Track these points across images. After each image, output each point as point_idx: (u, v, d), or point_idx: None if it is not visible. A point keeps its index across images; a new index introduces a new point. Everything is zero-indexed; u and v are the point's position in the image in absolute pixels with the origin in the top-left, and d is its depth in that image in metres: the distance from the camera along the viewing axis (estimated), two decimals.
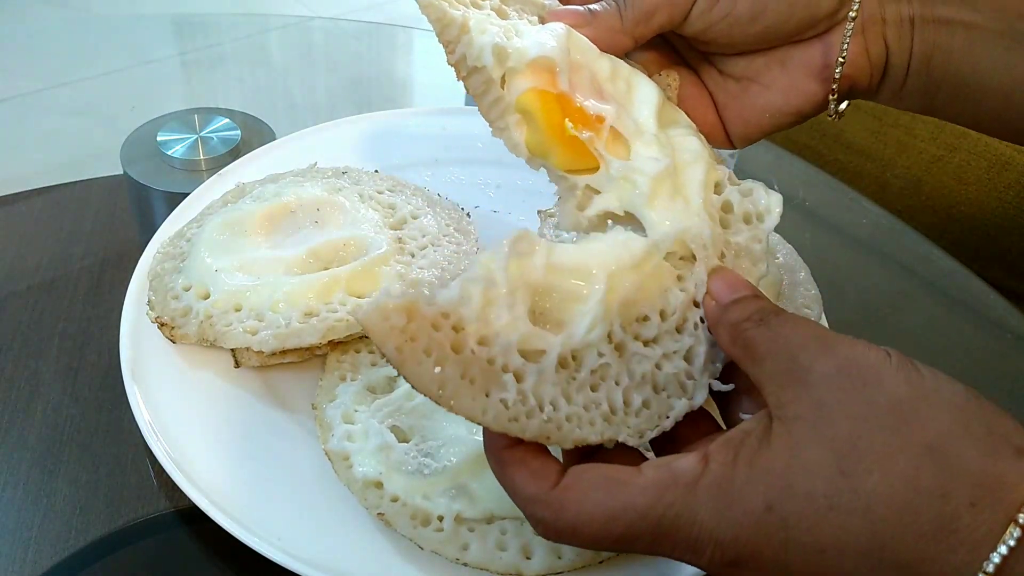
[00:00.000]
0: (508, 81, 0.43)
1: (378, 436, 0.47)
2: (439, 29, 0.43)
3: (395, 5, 2.56)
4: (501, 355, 0.36)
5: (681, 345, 0.40)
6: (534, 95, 0.43)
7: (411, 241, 0.59)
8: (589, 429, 0.37)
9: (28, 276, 0.65)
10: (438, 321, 0.35)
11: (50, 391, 0.57)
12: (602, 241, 0.40)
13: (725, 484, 0.33)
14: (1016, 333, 0.70)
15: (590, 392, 0.38)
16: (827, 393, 0.32)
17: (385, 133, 0.75)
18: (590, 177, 0.44)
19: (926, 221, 0.90)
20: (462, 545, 0.44)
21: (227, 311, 0.53)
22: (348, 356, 0.54)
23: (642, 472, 0.34)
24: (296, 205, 0.59)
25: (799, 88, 0.47)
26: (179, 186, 0.73)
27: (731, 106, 0.49)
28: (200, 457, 0.49)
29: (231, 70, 1.02)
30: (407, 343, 0.34)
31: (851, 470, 0.31)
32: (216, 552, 0.49)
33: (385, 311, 0.34)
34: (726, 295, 0.39)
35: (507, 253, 0.37)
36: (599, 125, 0.43)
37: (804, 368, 0.33)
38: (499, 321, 0.36)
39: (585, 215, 0.44)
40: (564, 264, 0.38)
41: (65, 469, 0.53)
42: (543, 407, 0.36)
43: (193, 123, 0.80)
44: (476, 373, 0.36)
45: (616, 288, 0.39)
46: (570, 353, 0.38)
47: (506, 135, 0.45)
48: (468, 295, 0.36)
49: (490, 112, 0.45)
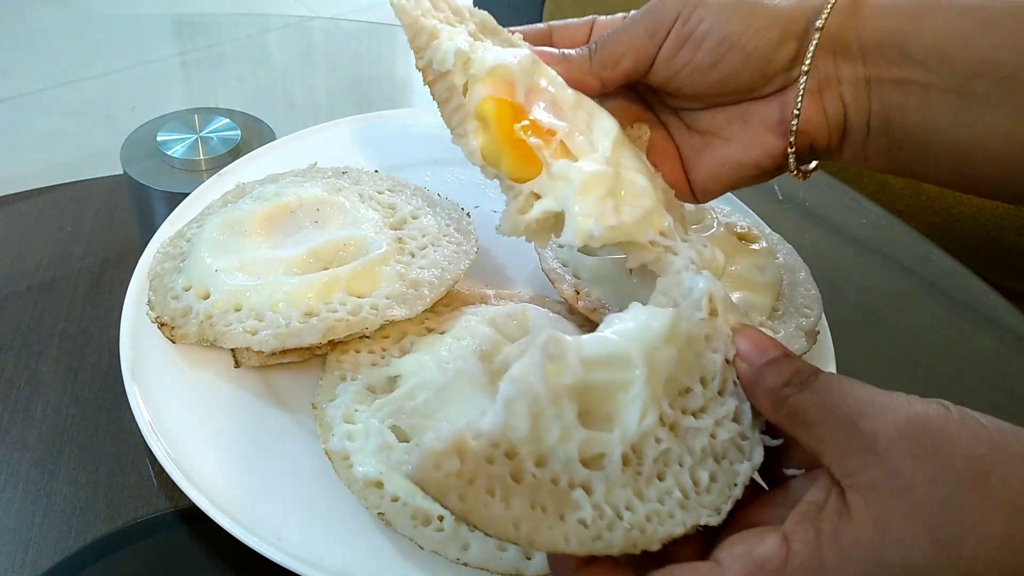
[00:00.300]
0: (469, 89, 0.46)
1: (378, 436, 0.47)
2: (411, 35, 0.46)
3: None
4: (564, 472, 0.35)
5: (728, 408, 0.39)
6: (491, 102, 0.45)
7: (411, 241, 0.59)
8: (671, 522, 0.36)
9: (28, 276, 0.65)
10: (490, 453, 0.33)
11: (50, 391, 0.57)
12: (627, 321, 0.39)
13: (816, 567, 0.32)
14: (1016, 333, 0.70)
15: (659, 483, 0.37)
16: (900, 459, 0.32)
17: (385, 133, 0.75)
18: (533, 182, 0.45)
19: (926, 221, 0.90)
20: (462, 545, 0.44)
21: (227, 311, 0.53)
22: (348, 356, 0.53)
23: (724, 567, 0.34)
24: (296, 205, 0.59)
25: (758, 142, 0.48)
26: (179, 186, 0.73)
27: (695, 159, 0.51)
28: (200, 457, 0.49)
29: (231, 70, 1.02)
30: (468, 488, 0.33)
31: (945, 539, 0.31)
32: (216, 552, 0.49)
33: (436, 458, 0.32)
34: (757, 357, 0.39)
35: (541, 360, 0.35)
36: (549, 137, 0.45)
37: (867, 435, 0.33)
38: (551, 435, 0.35)
39: (525, 219, 0.45)
40: (599, 356, 0.37)
41: (65, 469, 0.53)
42: (621, 515, 0.35)
43: (193, 123, 0.80)
44: (545, 499, 0.34)
45: (656, 367, 0.38)
46: (630, 448, 0.37)
47: (464, 141, 0.47)
48: (514, 417, 0.34)
49: (452, 118, 0.47)
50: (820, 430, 0.35)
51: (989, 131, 0.44)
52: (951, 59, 0.44)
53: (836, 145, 0.49)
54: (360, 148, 0.73)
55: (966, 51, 0.43)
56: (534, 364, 0.35)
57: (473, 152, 0.47)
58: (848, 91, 0.47)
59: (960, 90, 0.44)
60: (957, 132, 0.45)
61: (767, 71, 0.47)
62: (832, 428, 0.34)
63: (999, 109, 0.43)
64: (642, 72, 0.49)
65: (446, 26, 0.48)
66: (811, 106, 0.47)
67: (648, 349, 0.37)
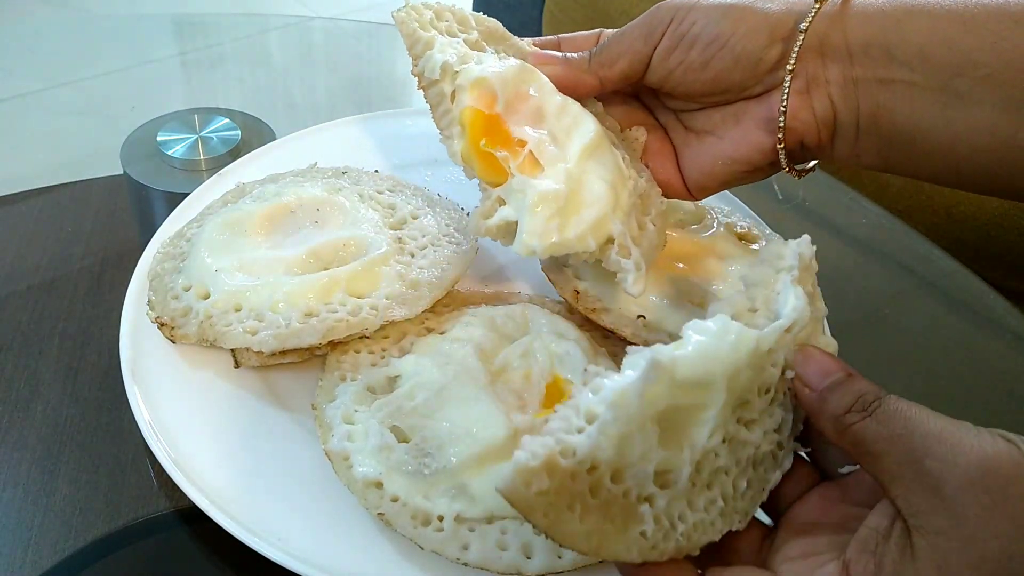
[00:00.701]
0: (456, 97, 0.51)
1: (378, 436, 0.47)
2: (409, 44, 0.52)
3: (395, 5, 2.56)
4: (636, 487, 0.36)
5: (775, 420, 0.40)
6: (469, 112, 0.50)
7: (411, 241, 0.59)
8: (711, 530, 0.38)
9: (28, 276, 0.65)
10: (575, 471, 0.34)
11: (50, 391, 0.57)
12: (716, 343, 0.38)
13: None
14: (1016, 333, 0.70)
15: (708, 492, 0.38)
16: (968, 509, 0.32)
17: (385, 133, 0.75)
18: (499, 188, 0.50)
19: (926, 221, 0.90)
20: (462, 545, 0.44)
21: (227, 311, 0.53)
22: (348, 356, 0.53)
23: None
24: (296, 205, 0.59)
25: (749, 139, 0.51)
26: (179, 186, 0.73)
27: (690, 157, 0.54)
28: (200, 457, 0.49)
29: (231, 70, 1.02)
30: (552, 505, 0.33)
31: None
32: (216, 552, 0.49)
33: (527, 476, 0.33)
34: (818, 380, 0.38)
35: (641, 389, 0.35)
36: (519, 148, 0.49)
37: (935, 476, 0.33)
38: (633, 455, 0.36)
39: (485, 223, 0.50)
40: (688, 379, 0.37)
41: (65, 469, 0.53)
42: (676, 526, 0.37)
43: (193, 123, 0.80)
44: (615, 512, 0.35)
45: (733, 390, 0.38)
46: (695, 465, 0.38)
47: (449, 143, 0.52)
48: (605, 439, 0.35)
49: (440, 121, 0.52)
50: (885, 462, 0.35)
51: (973, 126, 0.46)
52: (934, 59, 0.46)
53: (827, 143, 0.50)
54: (360, 148, 0.73)
55: (948, 52, 0.45)
56: (635, 391, 0.35)
57: (455, 154, 0.51)
58: (836, 91, 0.49)
59: (944, 88, 0.46)
60: (943, 129, 0.47)
61: (757, 71, 0.49)
62: (897, 463, 0.34)
63: (981, 105, 0.45)
64: (639, 72, 0.52)
65: (442, 37, 0.52)
66: (799, 105, 0.49)
67: (731, 373, 0.37)
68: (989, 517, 0.31)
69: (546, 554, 0.44)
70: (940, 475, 0.33)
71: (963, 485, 0.32)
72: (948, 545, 0.32)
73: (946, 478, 0.32)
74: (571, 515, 0.34)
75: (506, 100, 0.50)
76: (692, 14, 0.50)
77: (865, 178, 0.99)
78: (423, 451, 0.46)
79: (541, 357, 0.50)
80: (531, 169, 0.50)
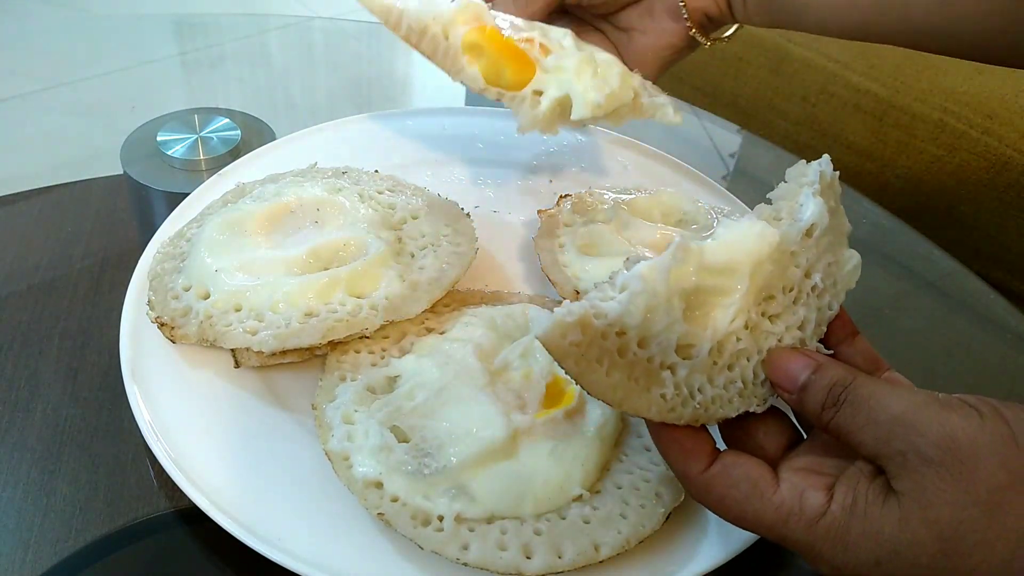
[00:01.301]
0: (448, 33, 0.55)
1: (378, 436, 0.47)
2: (383, 18, 0.56)
3: None
4: (659, 355, 0.40)
5: (797, 317, 0.44)
6: (476, 32, 0.55)
7: (411, 241, 0.59)
8: (729, 407, 0.42)
9: (28, 276, 0.65)
10: (605, 331, 0.38)
11: (50, 391, 0.57)
12: (742, 231, 0.42)
13: (842, 530, 0.37)
14: (1016, 333, 0.70)
15: (728, 372, 0.42)
16: (927, 478, 0.36)
17: (385, 133, 0.75)
18: (532, 83, 0.56)
19: (926, 221, 0.90)
20: (462, 545, 0.44)
21: (227, 311, 0.53)
22: (348, 356, 0.53)
23: (779, 490, 0.39)
24: (296, 205, 0.59)
25: (664, 28, 0.62)
26: (179, 186, 0.73)
27: (628, 53, 0.64)
28: (200, 457, 0.49)
29: (231, 70, 1.02)
30: (582, 356, 0.38)
31: (952, 551, 0.36)
32: (216, 552, 0.49)
33: (563, 328, 0.37)
34: (791, 383, 0.42)
35: (670, 264, 0.40)
36: (529, 43, 0.56)
37: (901, 452, 0.37)
38: (658, 326, 0.39)
39: (538, 112, 0.56)
40: (713, 264, 0.41)
41: (65, 469, 0.53)
42: (694, 395, 0.41)
43: (193, 123, 0.80)
44: (640, 373, 0.40)
45: (756, 279, 0.42)
46: (716, 343, 0.41)
47: (463, 75, 0.56)
48: (633, 307, 0.39)
49: (445, 62, 0.56)
50: (863, 448, 0.39)
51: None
52: None
53: (727, 12, 0.60)
54: (360, 148, 0.73)
55: None
56: (662, 268, 0.39)
57: (476, 78, 0.56)
58: None
59: None
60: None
61: None
62: (876, 440, 0.38)
63: None
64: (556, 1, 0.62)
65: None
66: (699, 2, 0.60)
67: (755, 263, 0.42)
68: (944, 486, 0.36)
69: (546, 554, 0.44)
70: (904, 454, 0.37)
71: (923, 461, 0.36)
72: (909, 505, 0.36)
73: (909, 457, 0.37)
74: (599, 368, 0.38)
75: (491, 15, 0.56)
76: None
77: (865, 178, 0.99)
78: (423, 451, 0.46)
79: (541, 357, 0.50)
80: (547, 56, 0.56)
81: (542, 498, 0.45)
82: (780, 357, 0.42)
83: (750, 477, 0.40)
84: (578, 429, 0.47)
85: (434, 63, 0.56)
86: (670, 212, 0.64)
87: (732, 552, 0.47)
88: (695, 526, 0.48)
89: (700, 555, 0.46)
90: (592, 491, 0.47)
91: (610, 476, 0.48)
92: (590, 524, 0.45)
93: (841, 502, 0.38)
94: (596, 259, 0.59)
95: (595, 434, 0.47)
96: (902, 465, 0.37)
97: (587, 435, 0.47)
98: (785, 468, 0.41)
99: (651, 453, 0.49)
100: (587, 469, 0.47)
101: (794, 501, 0.39)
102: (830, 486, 0.39)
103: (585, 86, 0.56)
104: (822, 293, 0.44)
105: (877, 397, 0.38)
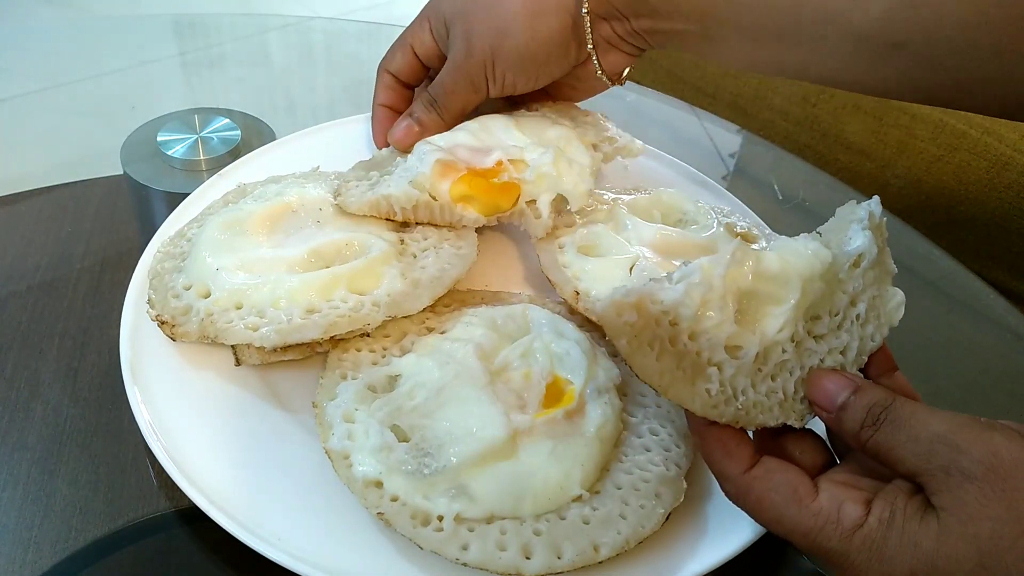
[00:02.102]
0: (435, 195, 0.58)
1: (378, 435, 0.47)
2: (375, 212, 0.59)
3: (395, 5, 2.56)
4: (708, 350, 0.42)
5: (840, 342, 0.45)
6: (459, 182, 0.58)
7: (413, 243, 0.59)
8: (768, 415, 0.43)
9: (28, 276, 0.65)
10: (659, 317, 0.41)
11: (50, 391, 0.57)
12: (797, 250, 0.45)
13: (878, 542, 0.38)
14: (1016, 333, 0.70)
15: (770, 382, 0.43)
16: (969, 496, 0.37)
17: None
18: (523, 196, 0.60)
19: (926, 221, 0.90)
20: (462, 545, 0.44)
21: (228, 309, 0.53)
22: (349, 354, 0.53)
23: (818, 498, 0.40)
24: (298, 205, 0.59)
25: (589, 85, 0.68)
26: (179, 186, 0.73)
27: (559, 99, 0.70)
28: (200, 457, 0.49)
29: (231, 70, 1.02)
30: (635, 337, 0.40)
31: (991, 566, 0.36)
32: (216, 552, 0.49)
33: (620, 307, 0.40)
34: (830, 403, 0.42)
35: (728, 262, 0.42)
36: (500, 167, 0.59)
37: (942, 468, 0.37)
38: (710, 321, 0.41)
39: (544, 221, 0.60)
40: (768, 271, 0.43)
41: (65, 469, 0.53)
42: (737, 396, 0.42)
43: (193, 123, 0.80)
44: (688, 365, 0.41)
45: (807, 294, 0.44)
46: (763, 349, 0.43)
47: (464, 221, 0.59)
48: (690, 298, 0.41)
49: (444, 218, 0.59)
50: (901, 467, 0.39)
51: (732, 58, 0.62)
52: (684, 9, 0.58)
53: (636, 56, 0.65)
54: (360, 148, 0.73)
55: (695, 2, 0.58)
56: (720, 264, 0.42)
57: (476, 219, 0.59)
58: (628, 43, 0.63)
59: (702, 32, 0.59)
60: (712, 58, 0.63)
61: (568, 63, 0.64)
62: (913, 460, 0.39)
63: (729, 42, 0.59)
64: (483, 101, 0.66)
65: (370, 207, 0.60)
66: (611, 60, 0.64)
67: (807, 279, 0.44)
68: (986, 502, 0.36)
69: (546, 555, 0.44)
70: (946, 470, 0.37)
71: (965, 478, 0.37)
72: (949, 520, 0.37)
73: (951, 473, 0.37)
74: (650, 351, 0.40)
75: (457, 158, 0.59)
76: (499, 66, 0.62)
77: (865, 178, 0.99)
78: (423, 451, 0.46)
79: (541, 357, 0.50)
80: (520, 166, 0.60)
81: (542, 498, 0.45)
82: (820, 376, 0.43)
83: (791, 483, 0.40)
84: (578, 429, 0.47)
85: (434, 224, 0.60)
86: (670, 212, 0.64)
87: (732, 552, 0.47)
88: (695, 526, 0.48)
89: (700, 555, 0.46)
90: (592, 491, 0.47)
91: (610, 476, 0.48)
92: (590, 524, 0.45)
93: (879, 515, 0.38)
94: (596, 259, 0.59)
95: (595, 434, 0.47)
96: (943, 481, 0.37)
97: (587, 435, 0.47)
98: (824, 480, 0.41)
99: (651, 453, 0.49)
100: (587, 469, 0.47)
101: (832, 510, 0.39)
102: (868, 500, 0.39)
103: (572, 181, 0.61)
104: (865, 323, 0.45)
105: (918, 416, 0.39)
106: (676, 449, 0.50)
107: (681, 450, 0.50)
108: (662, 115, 0.94)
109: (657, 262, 0.57)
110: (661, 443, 0.50)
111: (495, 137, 0.63)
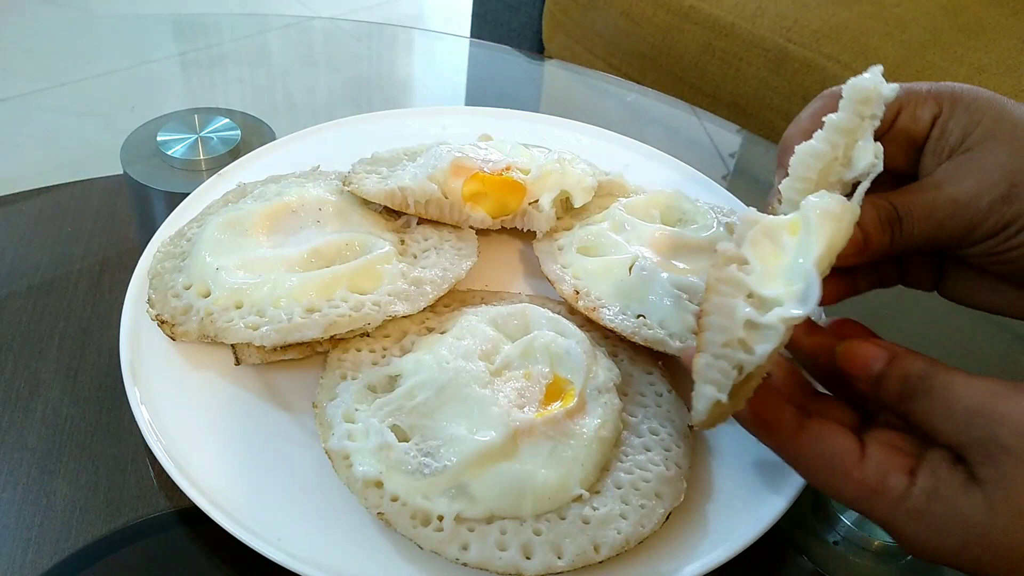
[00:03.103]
0: (447, 192, 0.60)
1: (378, 435, 0.47)
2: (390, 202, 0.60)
3: (395, 5, 2.56)
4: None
5: None
6: (470, 181, 0.60)
7: (414, 244, 0.59)
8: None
9: (28, 276, 0.65)
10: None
11: (50, 391, 0.57)
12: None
13: (925, 515, 0.38)
14: (1016, 333, 0.70)
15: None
16: (1010, 467, 0.36)
17: (385, 133, 0.75)
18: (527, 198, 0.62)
19: None
20: (462, 545, 0.44)
21: (228, 308, 0.53)
22: (349, 354, 0.54)
23: (864, 467, 0.40)
24: (298, 204, 0.59)
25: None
26: (179, 186, 0.73)
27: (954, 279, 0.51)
28: (200, 457, 0.49)
29: (231, 70, 1.02)
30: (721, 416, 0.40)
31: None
32: (216, 552, 0.49)
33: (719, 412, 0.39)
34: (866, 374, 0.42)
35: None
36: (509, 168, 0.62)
37: (980, 442, 0.37)
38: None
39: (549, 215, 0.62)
40: None
41: (65, 469, 0.53)
42: None
43: (193, 123, 0.80)
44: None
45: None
46: None
47: (472, 220, 0.61)
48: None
49: (452, 216, 0.61)
50: (940, 436, 0.39)
51: None
52: None
53: None
54: (360, 148, 0.73)
55: None
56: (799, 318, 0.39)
57: (483, 219, 0.61)
58: None
59: None
60: None
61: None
62: (954, 430, 0.38)
63: None
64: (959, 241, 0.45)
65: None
66: None
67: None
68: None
69: (545, 554, 0.44)
70: (985, 444, 0.37)
71: (1003, 450, 0.36)
72: (994, 493, 0.37)
73: (990, 446, 0.37)
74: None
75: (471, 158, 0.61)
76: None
77: None
78: (423, 451, 0.46)
79: (541, 357, 0.50)
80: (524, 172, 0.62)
81: (542, 498, 0.45)
82: (854, 348, 0.42)
83: (836, 453, 0.40)
84: (578, 429, 0.47)
85: (443, 221, 0.61)
86: (670, 212, 0.64)
87: (732, 552, 0.47)
88: (695, 526, 0.48)
89: (700, 555, 0.46)
90: (592, 491, 0.47)
91: (610, 476, 0.48)
92: (590, 524, 0.45)
93: (922, 486, 0.38)
94: (595, 259, 0.59)
95: (595, 434, 0.47)
96: (984, 454, 0.37)
97: (587, 435, 0.47)
98: (871, 442, 0.41)
99: (651, 453, 0.49)
100: (587, 469, 0.47)
101: (878, 482, 0.39)
102: (912, 469, 0.39)
103: (576, 178, 0.64)
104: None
105: (952, 387, 0.39)
106: (676, 449, 0.50)
107: (681, 450, 0.50)
108: (662, 115, 0.94)
109: (656, 262, 0.57)
110: (661, 443, 0.50)
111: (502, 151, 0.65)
